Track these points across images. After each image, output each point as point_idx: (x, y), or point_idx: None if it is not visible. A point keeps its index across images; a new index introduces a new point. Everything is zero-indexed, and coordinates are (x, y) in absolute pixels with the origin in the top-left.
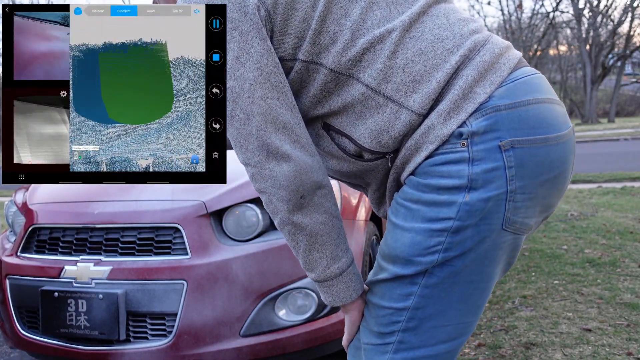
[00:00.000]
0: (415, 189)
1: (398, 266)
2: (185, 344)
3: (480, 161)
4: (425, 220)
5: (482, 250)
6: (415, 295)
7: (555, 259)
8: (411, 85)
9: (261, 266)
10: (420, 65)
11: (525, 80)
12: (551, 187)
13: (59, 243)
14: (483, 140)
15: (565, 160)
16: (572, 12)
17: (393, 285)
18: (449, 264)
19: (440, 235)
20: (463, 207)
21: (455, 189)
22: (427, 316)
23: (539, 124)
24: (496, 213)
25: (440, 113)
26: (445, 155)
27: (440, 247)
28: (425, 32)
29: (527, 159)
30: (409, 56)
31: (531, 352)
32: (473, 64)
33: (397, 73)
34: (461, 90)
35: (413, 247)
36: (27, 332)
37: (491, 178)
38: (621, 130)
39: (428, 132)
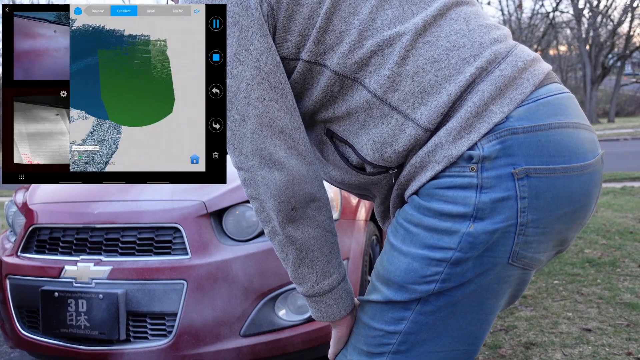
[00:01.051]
0: (417, 210)
1: (391, 291)
2: (185, 344)
3: (489, 189)
4: (424, 247)
5: (483, 283)
6: (408, 321)
7: (555, 259)
8: (420, 96)
9: (261, 266)
10: (432, 75)
11: (549, 101)
12: (569, 221)
13: (59, 243)
14: (495, 166)
15: (589, 193)
16: (572, 12)
17: (385, 308)
18: (446, 294)
19: (438, 265)
20: (466, 238)
21: (460, 217)
22: (420, 341)
23: (560, 152)
24: (503, 246)
25: (449, 131)
26: (452, 178)
27: (438, 278)
28: (440, 38)
29: (544, 190)
30: (420, 64)
31: (531, 352)
32: (491, 78)
33: (406, 82)
34: (475, 108)
35: (409, 273)
36: (27, 332)
37: (500, 208)
38: (621, 130)
39: (435, 150)
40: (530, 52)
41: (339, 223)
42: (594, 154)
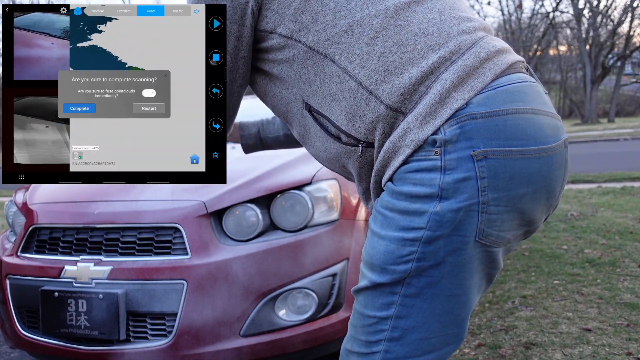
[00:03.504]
0: (391, 196)
1: (375, 274)
2: (185, 344)
3: (452, 170)
4: (399, 229)
5: (458, 261)
6: (397, 305)
7: (555, 259)
8: (383, 74)
9: (261, 266)
10: (397, 57)
11: (507, 89)
12: (532, 202)
13: (59, 243)
14: (456, 149)
15: (549, 175)
16: (572, 12)
17: (374, 294)
18: (425, 275)
19: (412, 245)
20: (433, 217)
21: (427, 198)
22: (411, 327)
23: (517, 135)
24: (469, 224)
25: (416, 117)
26: (419, 162)
27: (413, 257)
28: (412, 24)
29: (502, 171)
30: (388, 45)
31: (531, 352)
32: (454, 67)
33: (372, 60)
34: (439, 95)
35: (387, 255)
36: (27, 332)
37: (462, 188)
38: (621, 130)
39: (405, 135)
40: (496, 44)
41: (339, 223)
42: (555, 139)
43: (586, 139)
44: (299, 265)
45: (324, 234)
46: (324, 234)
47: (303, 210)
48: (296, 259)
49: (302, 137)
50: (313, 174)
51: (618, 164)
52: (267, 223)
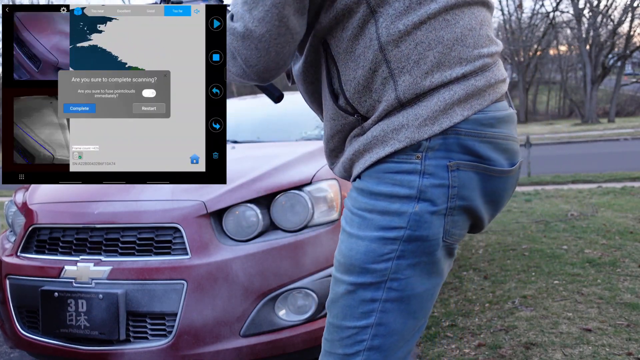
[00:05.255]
0: (369, 197)
1: (354, 275)
2: (185, 344)
3: (430, 175)
4: (379, 229)
5: (431, 260)
6: (377, 312)
7: (555, 259)
8: (412, 64)
9: (261, 266)
10: (431, 54)
11: (494, 115)
12: (485, 210)
13: (59, 243)
14: (435, 157)
15: (503, 192)
16: (572, 12)
17: (353, 301)
18: (403, 275)
19: (393, 243)
20: (413, 217)
21: (406, 199)
22: (390, 332)
23: (487, 156)
24: (439, 226)
25: (417, 117)
26: (400, 164)
27: (394, 255)
28: (458, 24)
29: (468, 182)
30: (430, 37)
31: (531, 352)
32: (466, 84)
33: (409, 44)
34: (444, 104)
35: (368, 254)
36: (27, 332)
37: (437, 193)
38: (621, 130)
39: (400, 129)
40: (502, 72)
41: (339, 223)
42: (512, 163)
43: (586, 139)
44: (299, 265)
45: (324, 234)
46: (324, 234)
47: (303, 210)
48: (296, 259)
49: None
50: (313, 174)
51: (618, 164)
52: (267, 223)
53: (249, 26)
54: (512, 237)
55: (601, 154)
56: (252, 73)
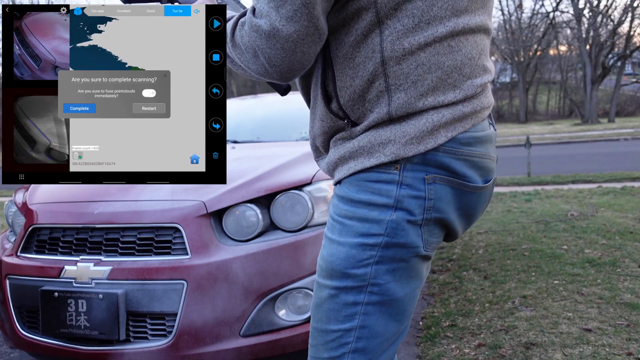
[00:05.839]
0: (349, 204)
1: (336, 280)
2: (185, 344)
3: (407, 186)
4: (358, 235)
5: (409, 265)
6: (360, 314)
7: (555, 259)
8: (409, 83)
9: (261, 266)
10: (429, 78)
11: (472, 135)
12: (458, 222)
13: (59, 243)
14: (413, 170)
15: (477, 206)
16: (572, 12)
17: (337, 305)
18: (383, 280)
19: (372, 249)
20: (390, 225)
21: (384, 207)
22: (373, 335)
23: (464, 174)
24: (417, 235)
25: (404, 134)
26: (380, 174)
27: (372, 260)
28: (460, 51)
29: (444, 196)
30: (431, 61)
31: (531, 352)
32: (454, 109)
33: (410, 64)
34: (432, 125)
35: (348, 260)
36: (27, 332)
37: (414, 204)
38: (621, 130)
39: (387, 144)
40: (490, 99)
41: None
42: (486, 180)
43: (586, 139)
44: (299, 265)
45: (324, 234)
46: (324, 234)
47: (303, 210)
48: (296, 259)
49: None
50: (313, 174)
51: (618, 164)
52: (267, 223)
53: (276, 24)
54: (512, 237)
55: (601, 154)
56: (274, 72)
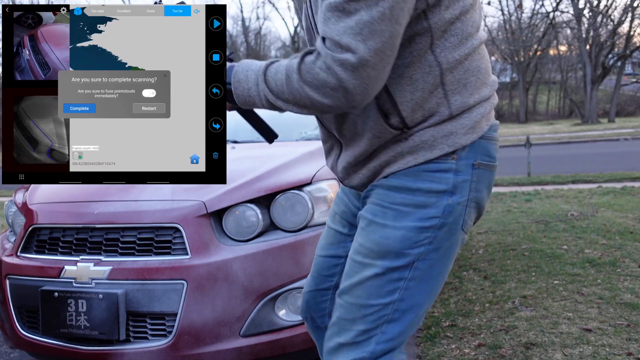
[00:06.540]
0: (406, 193)
1: (388, 260)
2: (185, 344)
3: (461, 173)
4: (416, 220)
5: (451, 245)
6: (401, 289)
7: (555, 259)
8: (461, 87)
9: (261, 266)
10: (473, 79)
11: (495, 123)
12: (487, 198)
13: (59, 243)
14: (465, 157)
15: (493, 183)
16: (572, 12)
17: (381, 282)
18: (428, 258)
19: (428, 231)
20: (447, 208)
21: (442, 193)
22: (409, 308)
23: (494, 155)
24: (460, 215)
25: (463, 126)
26: (439, 164)
27: (428, 241)
28: (484, 57)
29: (482, 178)
30: (473, 66)
31: (531, 352)
32: (490, 102)
33: (460, 71)
34: (480, 117)
35: (405, 241)
36: (27, 332)
37: (464, 187)
38: (621, 130)
39: (449, 136)
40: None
41: None
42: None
43: (586, 139)
44: (299, 265)
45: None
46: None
47: (303, 210)
48: (296, 259)
49: None
50: (313, 174)
51: (618, 164)
52: (267, 223)
53: (365, 57)
54: (512, 237)
55: (601, 154)
56: (352, 101)
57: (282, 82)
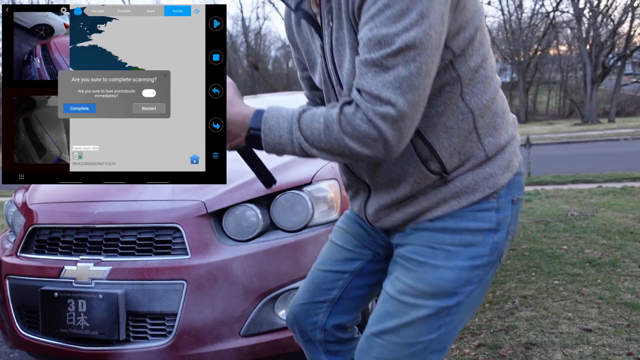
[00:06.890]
0: (453, 233)
1: (442, 300)
2: (185, 344)
3: (502, 209)
4: (467, 259)
5: (490, 277)
6: (448, 323)
7: (555, 259)
8: (491, 129)
9: (261, 266)
10: (500, 120)
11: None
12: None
13: (59, 243)
14: (505, 195)
15: None
16: (572, 12)
17: (431, 320)
18: (475, 292)
19: (479, 269)
20: (494, 245)
21: (487, 231)
22: (452, 335)
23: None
24: (503, 249)
25: (500, 167)
26: (481, 204)
27: (478, 279)
28: (503, 99)
29: (518, 211)
30: (498, 108)
31: (531, 352)
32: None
33: (489, 115)
34: (511, 155)
35: (458, 281)
36: (27, 332)
37: (505, 223)
38: (621, 130)
39: (489, 178)
40: None
41: None
42: None
43: (586, 139)
44: (299, 265)
45: (324, 234)
46: (324, 234)
47: (303, 210)
48: (296, 259)
49: None
50: (313, 174)
51: (618, 164)
52: (267, 223)
53: (404, 110)
54: None
55: (601, 154)
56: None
57: (320, 132)
